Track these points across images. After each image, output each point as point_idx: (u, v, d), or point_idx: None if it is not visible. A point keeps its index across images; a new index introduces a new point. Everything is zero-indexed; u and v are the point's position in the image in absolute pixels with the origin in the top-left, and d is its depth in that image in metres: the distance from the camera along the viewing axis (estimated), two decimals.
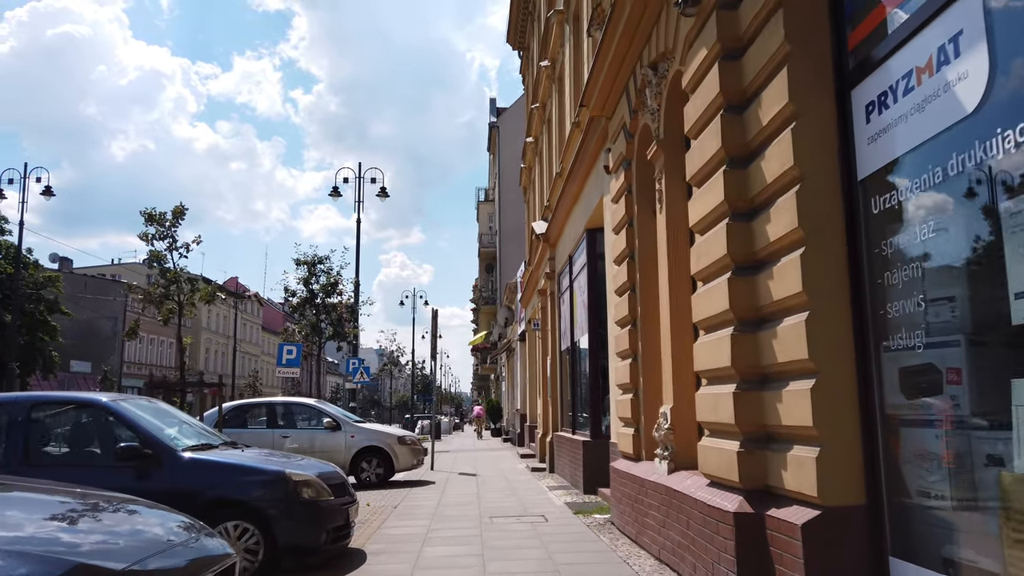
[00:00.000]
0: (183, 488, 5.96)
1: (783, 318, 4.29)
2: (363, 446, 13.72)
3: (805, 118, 4.15)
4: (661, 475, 6.39)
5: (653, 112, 6.85)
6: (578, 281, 13.18)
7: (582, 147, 10.97)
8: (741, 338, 4.66)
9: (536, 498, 11.23)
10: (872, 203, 3.93)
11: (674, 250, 6.56)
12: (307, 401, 14.75)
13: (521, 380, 27.45)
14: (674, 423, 6.31)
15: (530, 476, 14.99)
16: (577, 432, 13.14)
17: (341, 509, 6.50)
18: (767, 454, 4.50)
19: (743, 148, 4.80)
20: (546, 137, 19.19)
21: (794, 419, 4.12)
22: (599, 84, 8.29)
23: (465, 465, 18.46)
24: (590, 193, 11.30)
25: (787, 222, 4.18)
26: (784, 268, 4.24)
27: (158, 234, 13.81)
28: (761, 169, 4.53)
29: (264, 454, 7.07)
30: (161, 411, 6.88)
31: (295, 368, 20.99)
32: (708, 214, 5.13)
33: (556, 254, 16.16)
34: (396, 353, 51.44)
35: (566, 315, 14.72)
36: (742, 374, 4.67)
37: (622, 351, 8.04)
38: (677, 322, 6.46)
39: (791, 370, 4.20)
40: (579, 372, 13.49)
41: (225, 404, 14.42)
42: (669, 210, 6.63)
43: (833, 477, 3.89)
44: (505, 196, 44.02)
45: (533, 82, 21.76)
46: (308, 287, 22.64)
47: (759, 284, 4.57)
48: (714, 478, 5.10)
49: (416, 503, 11.03)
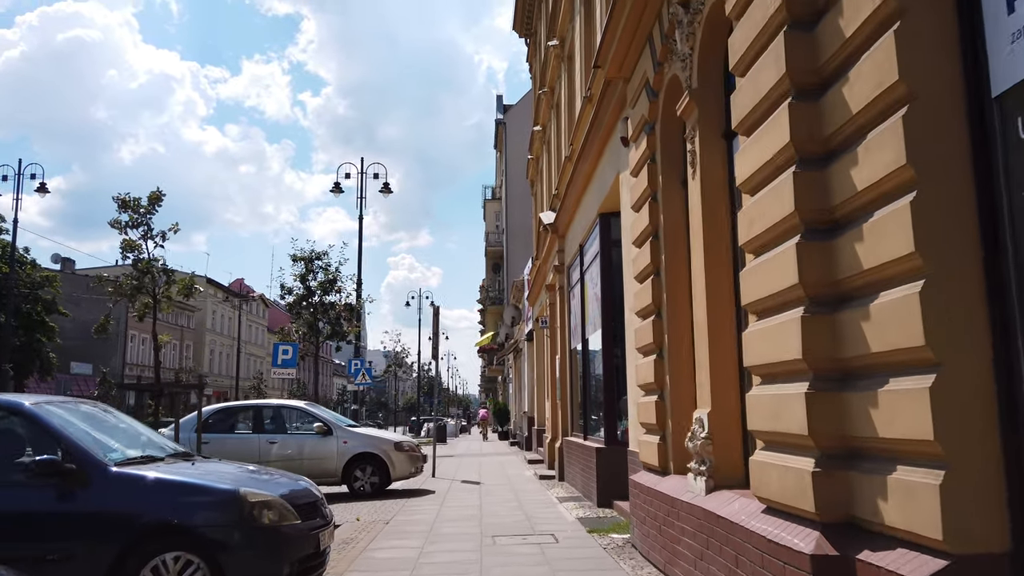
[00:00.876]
0: (113, 511, 4.88)
1: (880, 292, 3.17)
2: (356, 453, 12.61)
3: (913, 15, 3.02)
4: (697, 495, 5.26)
5: (684, 58, 5.73)
6: (590, 272, 12.05)
7: (595, 120, 9.85)
8: (815, 321, 3.54)
9: (545, 512, 10.11)
10: (1015, 128, 2.80)
11: (711, 221, 5.43)
12: (296, 404, 13.67)
13: (528, 381, 26.35)
14: (713, 431, 5.18)
15: (538, 485, 13.86)
16: (589, 437, 12.01)
17: (310, 535, 5.39)
18: (854, 476, 3.37)
19: (814, 74, 3.67)
20: (554, 124, 18.08)
21: (900, 430, 3.00)
22: (617, 36, 7.16)
23: (469, 472, 17.34)
24: (604, 172, 10.17)
25: (888, 160, 3.05)
26: (883, 223, 3.11)
27: (132, 222, 12.69)
28: (843, 97, 3.41)
29: (225, 468, 5.97)
30: (97, 417, 5.79)
31: (291, 368, 20.00)
32: (764, 165, 4.00)
33: (565, 245, 15.04)
34: (401, 354, 50.33)
35: (576, 311, 13.59)
36: (817, 368, 3.54)
37: (644, 346, 6.92)
38: (715, 308, 5.33)
39: (895, 362, 3.07)
40: (591, 372, 12.36)
41: (207, 408, 13.35)
42: (704, 174, 5.50)
43: (964, 512, 2.76)
44: (512, 193, 42.97)
45: (540, 66, 20.66)
46: (305, 284, 21.61)
47: (841, 249, 3.45)
48: (774, 504, 3.97)
49: (411, 517, 9.92)
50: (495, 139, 52.19)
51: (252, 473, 5.93)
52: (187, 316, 70.01)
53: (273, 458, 12.45)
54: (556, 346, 16.32)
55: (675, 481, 5.95)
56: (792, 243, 3.66)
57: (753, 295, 4.20)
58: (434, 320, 16.76)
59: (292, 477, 6.26)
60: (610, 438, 10.40)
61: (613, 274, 10.55)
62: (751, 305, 4.27)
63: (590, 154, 10.70)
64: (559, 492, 12.45)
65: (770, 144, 3.91)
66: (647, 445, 6.80)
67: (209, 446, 12.24)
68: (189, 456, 6.05)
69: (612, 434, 10.44)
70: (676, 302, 6.33)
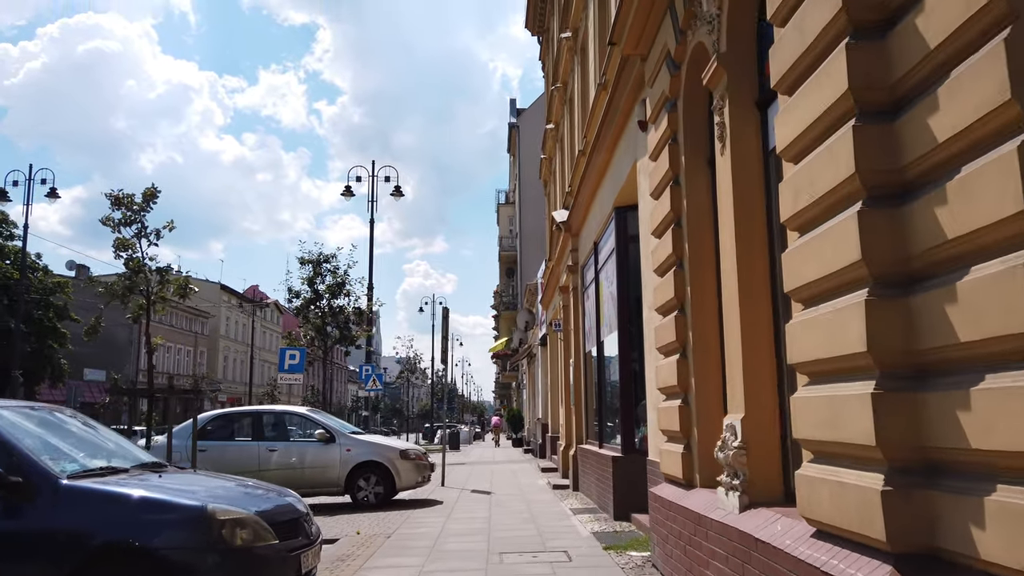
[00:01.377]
0: (62, 529, 4.31)
1: (971, 266, 2.52)
2: (360, 461, 12.01)
3: None
4: (729, 512, 4.60)
5: (710, 20, 5.10)
6: (605, 271, 11.41)
7: (610, 106, 9.23)
8: (883, 306, 2.89)
9: (557, 525, 9.45)
10: None
11: (743, 199, 4.79)
12: (298, 410, 13.09)
13: (542, 387, 25.69)
14: (747, 440, 4.53)
15: (551, 495, 13.19)
16: (605, 445, 11.35)
17: (290, 557, 4.78)
18: (936, 497, 2.72)
19: (877, 8, 3.04)
20: (567, 120, 17.47)
21: (1002, 440, 2.34)
22: (634, 6, 6.55)
23: (480, 480, 16.70)
24: (620, 162, 9.55)
25: (983, 98, 2.41)
26: (976, 180, 2.47)
27: (125, 219, 12.15)
28: (917, 29, 2.77)
29: (198, 481, 5.38)
30: (56, 424, 5.21)
31: (298, 374, 19.49)
32: (813, 124, 3.37)
33: (579, 244, 14.41)
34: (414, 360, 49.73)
35: (591, 312, 12.94)
36: (885, 364, 2.89)
37: (665, 345, 6.27)
38: (749, 298, 4.68)
39: (994, 354, 2.42)
40: (606, 376, 11.70)
41: (205, 414, 12.81)
42: (735, 147, 4.86)
43: None
44: (526, 197, 42.41)
45: (553, 63, 20.08)
46: (313, 287, 21.09)
47: (916, 216, 2.80)
48: (827, 527, 3.31)
49: (415, 530, 9.30)
50: (508, 142, 51.69)
51: (228, 486, 5.33)
52: (201, 322, 69.96)
53: (273, 467, 11.91)
54: (570, 350, 15.67)
55: (702, 496, 5.29)
56: (852, 212, 3.02)
57: (799, 279, 3.55)
58: (443, 324, 16.17)
59: (277, 491, 5.65)
60: (627, 446, 9.75)
61: (630, 271, 9.92)
62: (797, 291, 3.63)
63: (605, 144, 10.08)
64: (573, 503, 11.79)
65: (821, 98, 3.28)
66: (669, 455, 6.15)
67: (206, 454, 11.72)
68: (160, 467, 5.46)
69: (629, 442, 9.79)
70: (702, 295, 5.68)
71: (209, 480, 5.54)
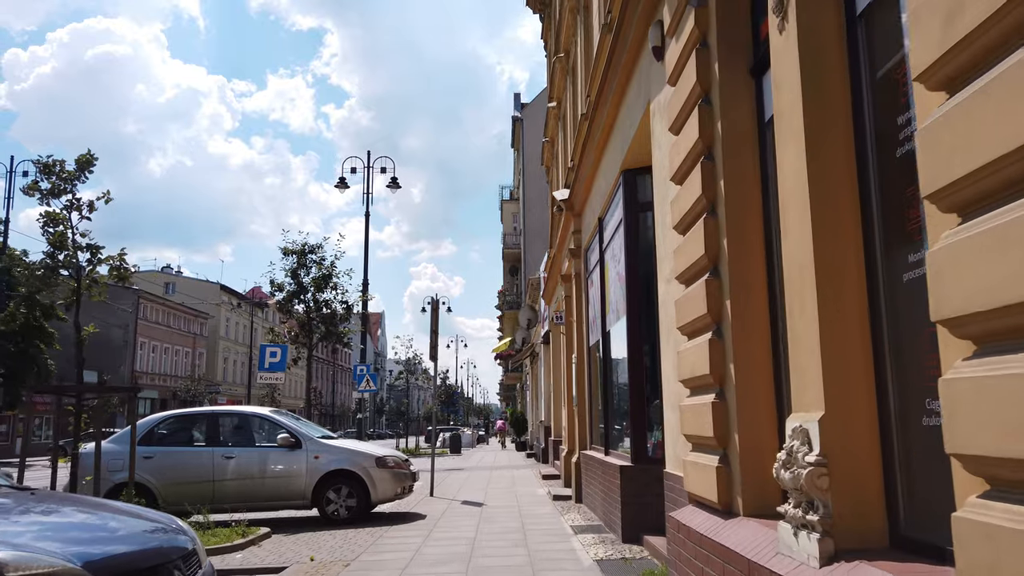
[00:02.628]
0: None
1: None
2: (330, 470, 10.44)
3: None
4: (801, 563, 3.01)
5: None
6: (611, 249, 9.83)
7: (616, 44, 7.65)
8: None
9: (554, 549, 7.86)
10: None
11: (817, 92, 3.20)
12: (260, 411, 11.51)
13: (545, 387, 24.11)
14: (829, 451, 2.94)
15: (551, 509, 11.59)
16: (611, 452, 9.76)
17: None
18: None
19: None
20: (570, 92, 15.92)
21: None
22: None
23: (474, 490, 15.11)
24: (629, 114, 7.97)
25: None
26: None
27: (54, 189, 10.53)
28: None
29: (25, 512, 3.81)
30: None
31: (279, 372, 17.99)
32: None
33: (582, 225, 12.82)
34: (414, 361, 48.13)
35: (595, 299, 11.36)
36: None
37: (692, 322, 4.70)
38: (828, 238, 3.10)
39: None
40: (613, 370, 10.11)
41: (155, 415, 11.27)
42: (803, 15, 3.28)
43: None
44: (530, 192, 40.90)
45: (555, 32, 18.53)
46: (297, 279, 19.54)
47: None
48: None
49: (381, 556, 7.72)
50: (512, 137, 50.19)
51: (82, 520, 3.76)
52: (200, 323, 68.66)
53: (229, 476, 10.37)
54: (572, 344, 14.07)
55: (750, 531, 3.70)
56: None
57: (938, 181, 1.97)
58: (433, 313, 14.59)
59: (157, 521, 4.09)
60: (638, 454, 8.15)
61: (640, 245, 8.36)
62: (953, 189, 2.04)
63: (611, 96, 8.51)
64: (575, 518, 10.19)
65: None
66: (698, 468, 4.56)
67: (152, 462, 10.21)
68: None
69: (641, 448, 8.19)
70: (744, 247, 4.11)
71: (64, 508, 3.97)
